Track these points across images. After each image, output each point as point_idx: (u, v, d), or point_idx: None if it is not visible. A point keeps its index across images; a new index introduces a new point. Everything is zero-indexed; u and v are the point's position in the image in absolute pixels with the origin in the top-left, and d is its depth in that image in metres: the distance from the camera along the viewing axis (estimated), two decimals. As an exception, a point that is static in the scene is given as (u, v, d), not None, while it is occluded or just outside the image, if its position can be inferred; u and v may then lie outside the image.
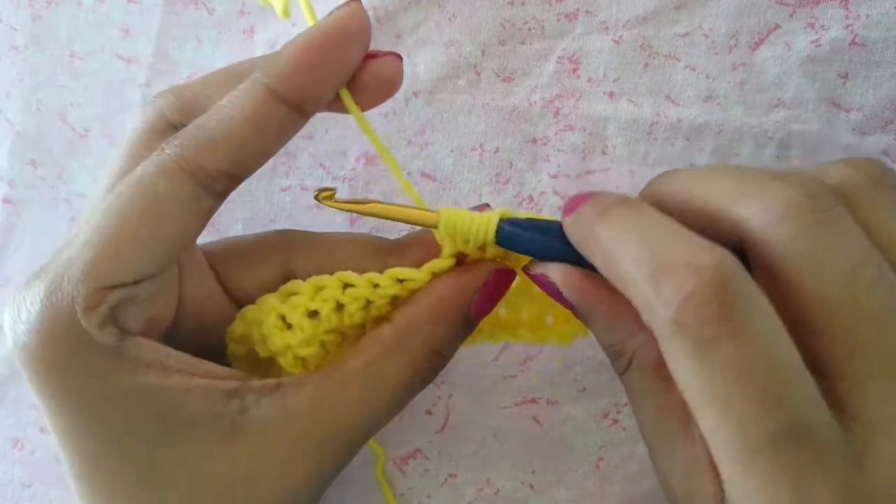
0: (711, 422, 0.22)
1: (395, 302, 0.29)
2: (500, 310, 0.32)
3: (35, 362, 0.26)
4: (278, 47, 0.37)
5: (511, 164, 0.36)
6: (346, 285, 0.29)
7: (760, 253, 0.24)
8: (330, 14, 0.27)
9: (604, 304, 0.26)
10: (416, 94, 0.37)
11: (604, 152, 0.36)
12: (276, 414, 0.27)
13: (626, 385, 0.27)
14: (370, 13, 0.35)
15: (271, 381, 0.28)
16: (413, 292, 0.29)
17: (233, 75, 0.29)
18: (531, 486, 0.37)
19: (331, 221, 0.38)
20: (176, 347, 0.28)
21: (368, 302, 0.29)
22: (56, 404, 0.27)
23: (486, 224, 0.28)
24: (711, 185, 0.25)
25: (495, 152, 0.36)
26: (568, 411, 0.36)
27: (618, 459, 0.36)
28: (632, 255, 0.23)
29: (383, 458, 0.37)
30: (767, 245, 0.23)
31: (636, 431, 0.28)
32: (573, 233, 0.26)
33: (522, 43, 0.36)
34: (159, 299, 0.28)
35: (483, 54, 0.36)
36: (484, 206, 0.31)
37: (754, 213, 0.23)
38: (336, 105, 0.28)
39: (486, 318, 0.30)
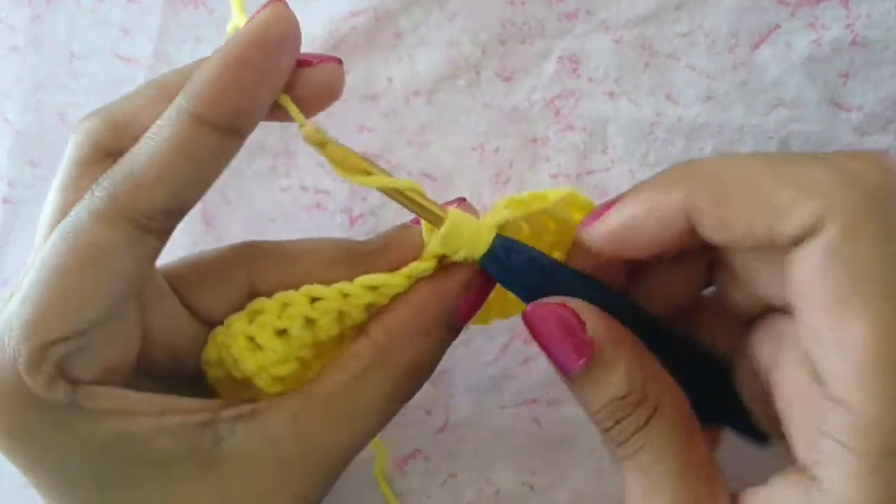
0: None
1: (374, 309, 0.28)
2: None
3: None
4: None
5: (511, 164, 0.36)
6: (314, 299, 0.27)
7: None
8: (251, 19, 0.25)
9: (627, 345, 0.25)
10: (416, 94, 0.37)
11: (604, 152, 0.36)
12: (254, 441, 0.26)
13: (640, 445, 0.25)
14: (370, 13, 0.36)
15: (245, 407, 0.26)
16: (393, 298, 0.27)
17: (162, 90, 0.27)
18: (531, 486, 0.37)
19: (330, 221, 0.37)
20: (150, 382, 0.26)
21: (342, 313, 0.27)
22: (22, 464, 0.26)
23: (482, 243, 0.26)
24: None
25: (495, 152, 0.36)
26: (568, 411, 0.36)
27: (618, 459, 0.36)
28: None
29: (385, 457, 0.37)
30: None
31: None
32: None
33: (522, 43, 0.36)
34: (114, 343, 0.26)
35: (483, 54, 0.36)
36: (460, 201, 0.29)
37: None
38: (279, 114, 0.26)
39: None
